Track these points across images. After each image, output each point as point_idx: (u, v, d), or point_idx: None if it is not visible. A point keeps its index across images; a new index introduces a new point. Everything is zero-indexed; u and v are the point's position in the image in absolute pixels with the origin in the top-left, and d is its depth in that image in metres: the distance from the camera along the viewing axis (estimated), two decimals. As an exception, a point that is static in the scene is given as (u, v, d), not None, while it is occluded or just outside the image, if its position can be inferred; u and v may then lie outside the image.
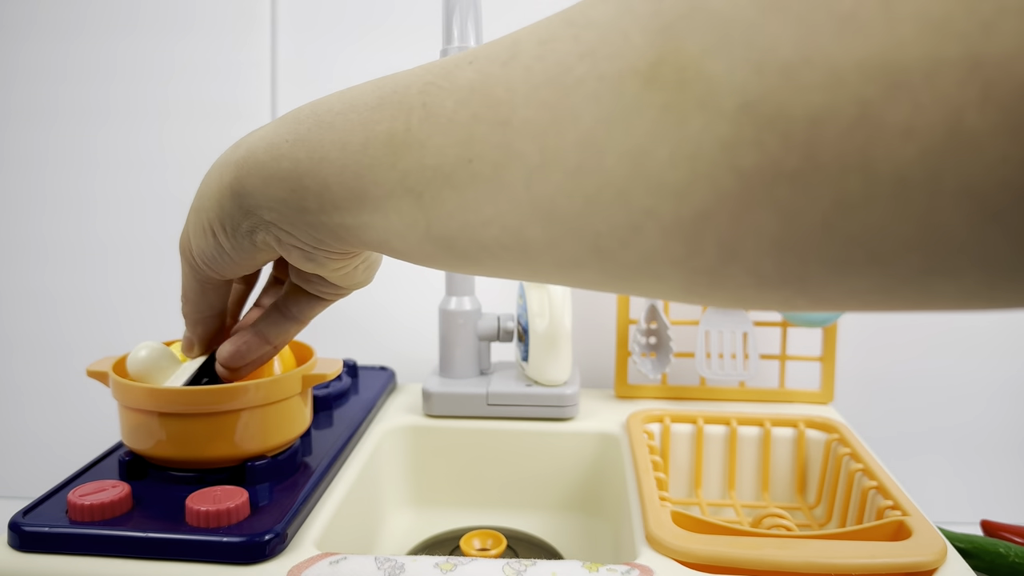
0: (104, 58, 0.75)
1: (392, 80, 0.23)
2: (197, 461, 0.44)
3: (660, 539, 0.39)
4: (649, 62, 0.16)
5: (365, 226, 0.24)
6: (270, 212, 0.27)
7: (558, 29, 0.18)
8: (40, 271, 0.78)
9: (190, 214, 0.31)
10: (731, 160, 0.15)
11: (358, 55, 0.74)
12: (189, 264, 0.33)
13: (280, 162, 0.25)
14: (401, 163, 0.22)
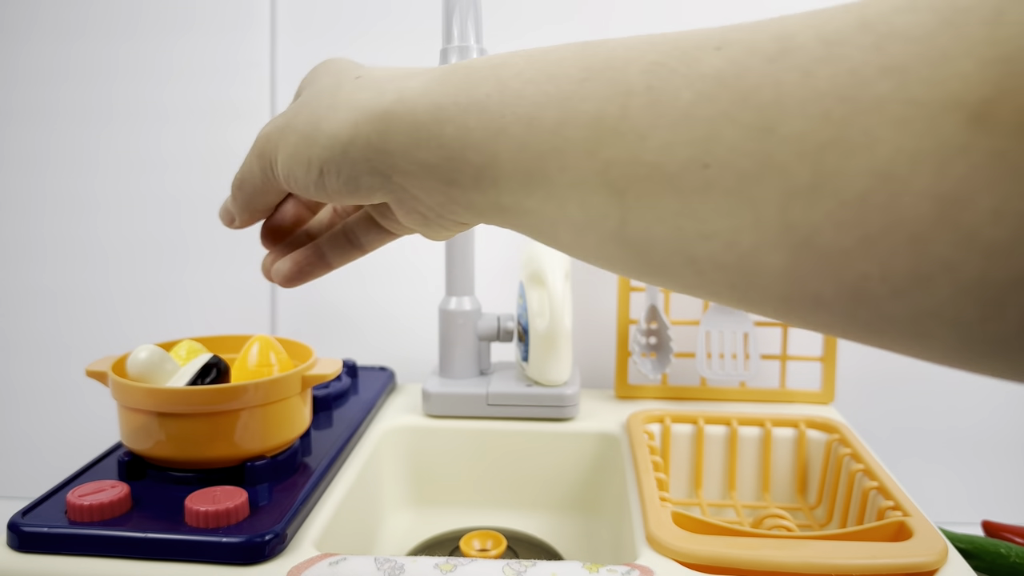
0: (104, 59, 0.75)
1: (603, 49, 0.20)
2: (197, 461, 0.44)
3: (660, 539, 0.39)
4: (981, 97, 0.13)
5: (528, 211, 0.21)
6: (407, 177, 0.23)
7: (850, 32, 0.15)
8: (40, 271, 0.78)
9: (287, 132, 0.27)
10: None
11: (358, 55, 0.74)
12: (264, 170, 0.28)
13: (444, 126, 0.22)
14: (605, 152, 0.19)
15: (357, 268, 0.76)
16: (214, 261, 0.77)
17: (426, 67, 0.25)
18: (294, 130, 0.26)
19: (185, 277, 0.77)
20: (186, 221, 0.77)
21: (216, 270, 0.77)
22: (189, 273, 0.77)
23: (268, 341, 0.49)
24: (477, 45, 0.49)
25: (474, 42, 0.49)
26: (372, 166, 0.24)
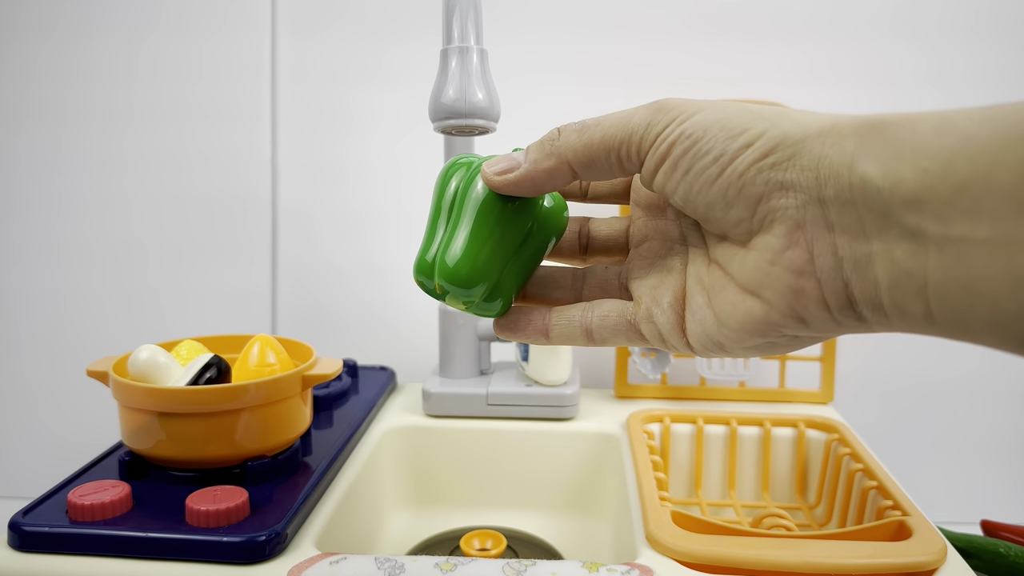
0: (105, 60, 0.75)
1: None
2: (197, 461, 0.44)
3: (660, 539, 0.39)
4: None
5: (997, 247, 0.16)
6: (847, 193, 0.19)
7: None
8: (41, 271, 0.78)
9: (728, 106, 0.23)
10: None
11: (358, 55, 0.74)
12: (656, 126, 0.23)
13: (944, 137, 0.18)
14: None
15: (358, 268, 0.76)
16: (215, 261, 0.77)
17: None
18: (737, 105, 0.22)
19: (186, 277, 0.77)
20: (187, 221, 0.77)
21: (217, 270, 0.77)
22: (190, 273, 0.77)
23: (269, 341, 0.49)
24: (477, 45, 0.49)
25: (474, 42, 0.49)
26: (814, 165, 0.20)
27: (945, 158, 0.17)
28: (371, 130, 0.75)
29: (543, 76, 0.73)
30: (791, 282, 0.21)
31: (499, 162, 0.26)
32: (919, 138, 0.18)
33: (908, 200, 0.18)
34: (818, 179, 0.20)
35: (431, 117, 0.50)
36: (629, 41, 0.72)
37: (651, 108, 0.23)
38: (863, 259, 0.19)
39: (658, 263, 0.26)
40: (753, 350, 0.23)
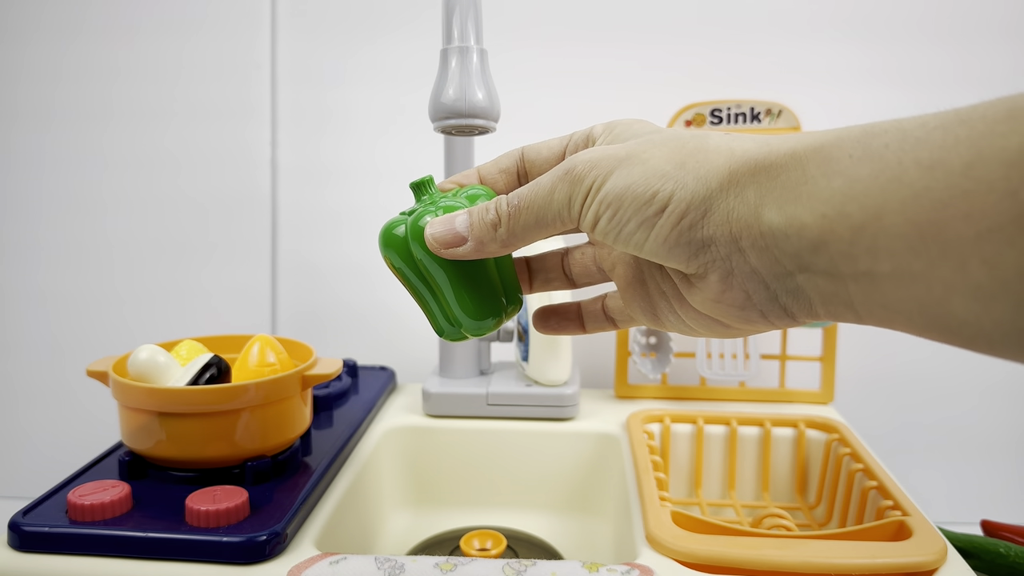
0: (105, 59, 0.75)
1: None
2: (197, 461, 0.44)
3: (660, 539, 0.39)
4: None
5: (912, 277, 0.18)
6: (761, 240, 0.21)
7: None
8: (40, 271, 0.78)
9: (630, 162, 0.24)
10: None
11: (358, 55, 0.74)
12: (571, 196, 0.25)
13: (832, 179, 0.20)
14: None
15: (358, 268, 0.76)
16: (215, 261, 0.77)
17: (822, 130, 0.22)
18: (644, 163, 0.24)
19: (186, 277, 0.77)
20: (187, 221, 0.77)
21: (217, 270, 0.77)
22: (190, 273, 0.77)
23: (269, 341, 0.49)
24: (477, 45, 0.49)
25: (474, 42, 0.49)
26: (728, 220, 0.22)
27: (838, 202, 0.19)
28: (371, 130, 0.75)
29: (543, 76, 0.73)
30: (737, 313, 0.24)
31: (442, 234, 0.28)
32: (811, 182, 0.20)
33: (814, 244, 0.20)
34: (731, 232, 0.22)
35: (431, 117, 0.50)
36: (629, 41, 0.72)
37: (565, 179, 0.25)
38: (794, 290, 0.22)
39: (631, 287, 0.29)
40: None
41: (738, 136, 0.24)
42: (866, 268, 0.19)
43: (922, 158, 0.18)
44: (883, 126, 0.20)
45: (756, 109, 0.64)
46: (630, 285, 0.29)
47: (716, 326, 0.26)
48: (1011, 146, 0.16)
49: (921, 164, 0.18)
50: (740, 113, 0.64)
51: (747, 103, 0.64)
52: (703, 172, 0.22)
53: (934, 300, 0.18)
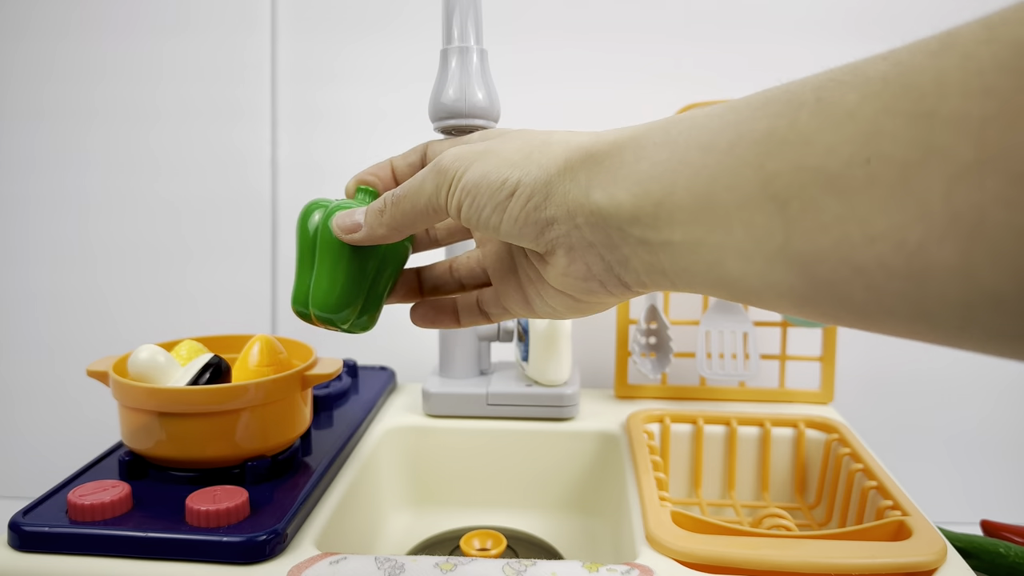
0: (105, 59, 0.75)
1: (790, 83, 0.21)
2: (197, 461, 0.44)
3: (660, 539, 0.39)
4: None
5: (697, 244, 0.22)
6: (592, 217, 0.25)
7: (1012, 13, 0.15)
8: (41, 272, 0.78)
9: (487, 155, 0.28)
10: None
11: (358, 55, 0.74)
12: (438, 187, 0.28)
13: (640, 163, 0.23)
14: (771, 163, 0.19)
15: (357, 268, 0.76)
16: (215, 261, 0.77)
17: (647, 122, 0.26)
18: (497, 154, 0.27)
19: (186, 277, 0.77)
20: (187, 221, 0.77)
21: (217, 270, 0.77)
22: (190, 273, 0.77)
23: (269, 341, 0.49)
24: (477, 46, 0.49)
25: (474, 42, 0.49)
26: (564, 200, 0.25)
27: (643, 182, 0.23)
28: (371, 130, 0.75)
29: (543, 76, 0.73)
30: (582, 285, 0.27)
31: (345, 219, 0.33)
32: (626, 166, 0.24)
33: (629, 218, 0.23)
34: (569, 211, 0.25)
35: (431, 117, 0.51)
36: (629, 41, 0.72)
37: (433, 172, 0.29)
38: (623, 260, 0.25)
39: (505, 278, 0.33)
40: None
41: (579, 131, 0.27)
42: (667, 237, 0.23)
43: (702, 141, 0.21)
44: (683, 116, 0.23)
45: (756, 109, 0.64)
46: (504, 277, 0.33)
47: (570, 302, 0.29)
48: (760, 128, 0.20)
49: (701, 147, 0.21)
50: (740, 113, 0.64)
51: (747, 103, 0.64)
52: (545, 161, 0.26)
53: (715, 261, 0.21)
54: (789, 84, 0.20)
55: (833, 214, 0.18)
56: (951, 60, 0.16)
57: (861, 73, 0.18)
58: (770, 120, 0.20)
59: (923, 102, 0.16)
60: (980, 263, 0.15)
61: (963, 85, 0.15)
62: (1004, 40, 0.15)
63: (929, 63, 0.16)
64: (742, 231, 0.20)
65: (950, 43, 0.16)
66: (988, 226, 0.15)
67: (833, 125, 0.18)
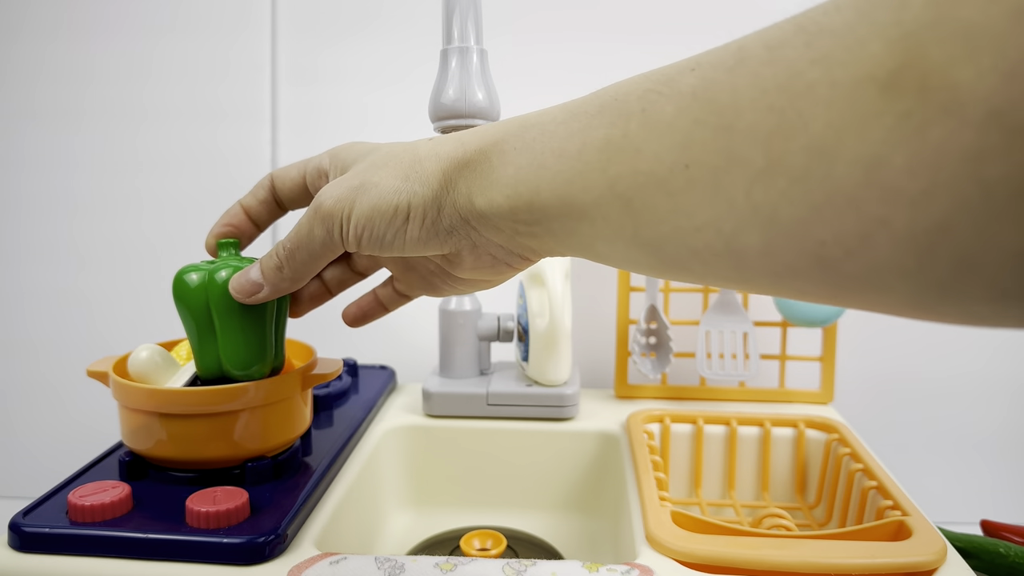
0: (104, 60, 0.75)
1: (614, 88, 0.24)
2: (197, 461, 0.44)
3: (660, 539, 0.39)
4: (888, 69, 0.15)
5: (570, 232, 0.25)
6: (481, 220, 0.27)
7: (788, 35, 0.18)
8: (40, 271, 0.78)
9: (365, 190, 0.29)
10: (975, 170, 0.14)
11: (358, 55, 0.74)
12: (329, 231, 0.31)
13: (507, 168, 0.26)
14: (613, 168, 0.22)
15: (357, 268, 0.76)
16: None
17: (499, 121, 0.28)
18: (377, 185, 0.29)
19: (185, 277, 0.77)
20: (187, 221, 0.77)
21: (216, 270, 0.77)
22: (189, 273, 0.77)
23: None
24: (477, 46, 0.49)
25: (474, 43, 0.49)
26: (455, 210, 0.28)
27: (513, 185, 0.26)
28: (371, 130, 0.75)
29: (543, 76, 0.73)
30: (492, 270, 0.31)
31: (243, 282, 0.36)
32: (495, 171, 0.26)
33: (511, 215, 0.26)
34: (462, 218, 0.28)
35: (431, 117, 0.51)
36: (629, 41, 0.72)
37: (317, 218, 0.31)
38: (519, 244, 0.28)
39: (406, 275, 0.36)
40: None
41: (439, 139, 0.30)
42: (546, 227, 0.26)
43: (554, 148, 0.24)
44: (532, 119, 0.26)
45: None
46: (404, 273, 0.36)
47: (479, 282, 0.33)
48: (599, 136, 0.23)
49: (554, 152, 0.24)
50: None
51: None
52: (424, 178, 0.28)
53: (588, 244, 0.25)
54: (617, 90, 0.23)
55: (666, 209, 0.21)
56: (743, 79, 0.19)
57: (675, 86, 0.21)
58: (607, 129, 0.22)
59: (724, 116, 0.19)
60: (778, 246, 0.19)
61: (752, 103, 0.18)
62: (781, 63, 0.18)
63: (726, 80, 0.19)
64: (602, 223, 0.23)
65: (742, 59, 0.19)
66: (779, 218, 0.18)
67: (657, 135, 0.21)
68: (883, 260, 0.16)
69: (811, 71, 0.17)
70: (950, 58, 0.14)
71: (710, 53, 0.21)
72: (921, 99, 0.15)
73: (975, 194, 0.14)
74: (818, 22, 0.18)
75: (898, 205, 0.16)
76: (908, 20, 0.15)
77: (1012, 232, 0.14)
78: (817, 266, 0.18)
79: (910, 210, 0.15)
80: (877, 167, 0.16)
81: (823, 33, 0.17)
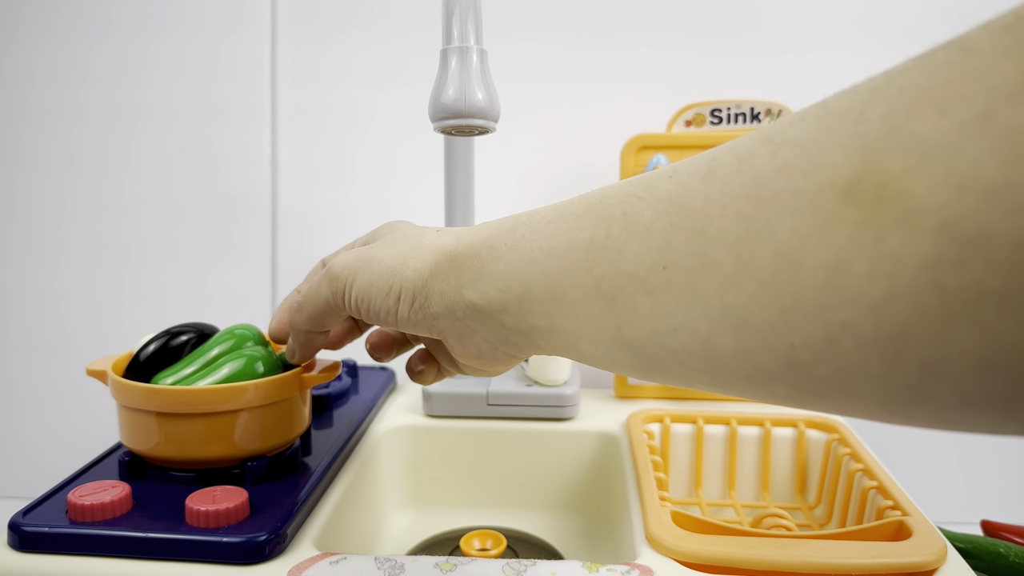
0: (103, 60, 0.75)
1: (599, 191, 0.25)
2: (197, 461, 0.44)
3: (660, 539, 0.39)
4: (847, 178, 0.16)
5: (556, 329, 0.26)
6: (468, 311, 0.28)
7: (757, 146, 0.19)
8: (40, 271, 0.78)
9: (371, 264, 0.32)
10: (932, 277, 0.15)
11: (358, 55, 0.74)
12: (335, 293, 0.33)
13: (497, 263, 0.27)
14: (598, 268, 0.23)
15: (357, 268, 0.76)
16: (215, 261, 0.77)
17: (494, 220, 0.30)
18: (379, 262, 0.32)
19: (186, 277, 0.77)
20: (187, 221, 0.77)
21: (217, 270, 0.77)
22: (190, 273, 0.77)
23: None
24: (477, 46, 0.49)
25: (474, 43, 0.49)
26: (443, 299, 0.29)
27: (504, 281, 0.27)
28: (371, 130, 0.75)
29: (543, 76, 0.73)
30: (478, 361, 0.32)
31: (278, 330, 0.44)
32: (487, 266, 0.28)
33: (499, 309, 0.27)
34: (448, 307, 0.29)
35: (431, 117, 0.50)
36: (629, 41, 0.72)
37: (326, 279, 0.33)
38: (505, 340, 0.28)
39: (433, 348, 0.38)
40: None
41: (444, 231, 0.32)
42: (534, 323, 0.26)
43: (543, 246, 0.25)
44: (522, 219, 0.27)
45: (756, 109, 0.64)
46: (431, 347, 0.38)
47: (477, 370, 0.34)
48: (585, 236, 0.24)
49: (544, 250, 0.25)
50: (740, 113, 0.64)
51: (747, 103, 0.64)
52: (419, 265, 0.30)
53: (571, 344, 0.25)
54: (603, 193, 0.25)
55: (647, 309, 0.22)
56: (714, 186, 0.20)
57: (653, 192, 0.22)
58: (592, 230, 0.24)
59: (696, 220, 0.20)
60: (750, 348, 0.19)
61: (723, 209, 0.19)
62: (748, 172, 0.19)
63: (699, 187, 0.20)
64: (586, 321, 0.24)
65: (714, 168, 0.20)
66: (751, 321, 0.18)
67: (637, 238, 0.22)
68: (851, 364, 0.17)
69: (776, 180, 0.18)
70: (904, 170, 0.15)
71: (687, 161, 0.22)
72: (878, 208, 0.15)
73: (934, 301, 0.15)
74: (784, 132, 0.19)
75: (860, 310, 0.16)
76: (865, 132, 0.16)
77: (973, 338, 0.14)
78: (789, 369, 0.18)
79: (872, 315, 0.16)
80: (839, 272, 0.16)
81: (787, 143, 0.18)
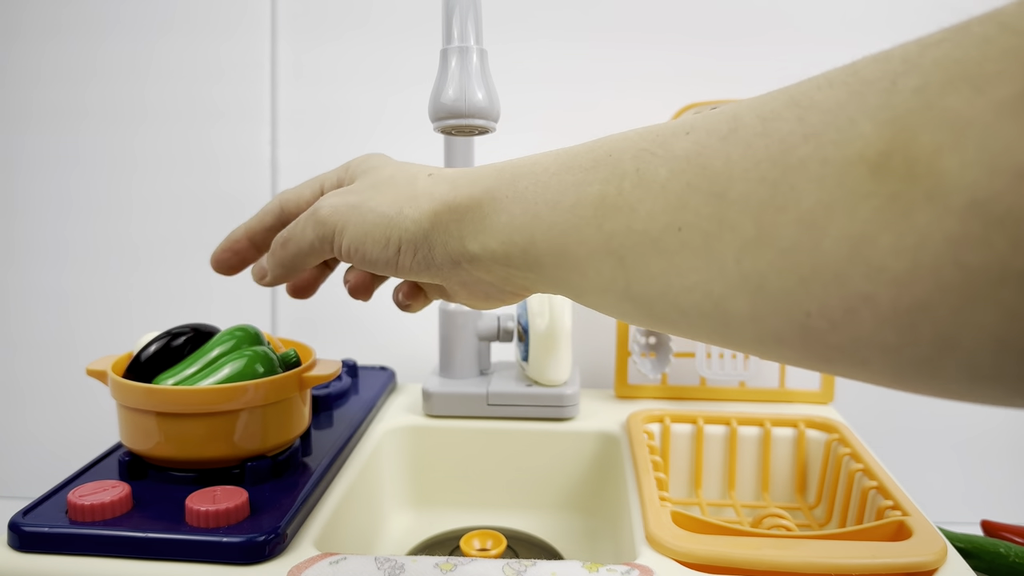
0: (104, 60, 0.75)
1: (608, 143, 0.24)
2: (196, 461, 0.44)
3: (660, 539, 0.39)
4: (878, 151, 0.16)
5: (562, 280, 0.26)
6: (473, 261, 0.28)
7: (781, 108, 0.19)
8: (41, 271, 0.78)
9: (362, 211, 0.31)
10: (956, 255, 0.15)
11: (358, 55, 0.74)
12: (321, 238, 0.32)
13: (500, 215, 0.27)
14: (608, 225, 0.23)
15: (357, 268, 0.76)
16: (214, 261, 0.77)
17: (486, 164, 0.29)
18: (372, 210, 0.30)
19: (186, 277, 0.77)
20: (187, 221, 0.77)
21: (216, 270, 0.77)
22: (190, 273, 0.77)
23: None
24: (477, 46, 0.49)
25: (474, 43, 0.49)
26: (446, 250, 0.29)
27: (507, 233, 0.27)
28: (371, 130, 0.75)
29: (543, 76, 0.73)
30: (485, 301, 0.32)
31: (257, 270, 0.37)
32: (488, 218, 0.27)
33: (503, 260, 0.27)
34: (452, 259, 0.29)
35: (431, 117, 0.50)
36: (629, 41, 0.72)
37: (312, 221, 0.32)
38: (512, 283, 0.29)
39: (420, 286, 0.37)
40: None
41: (437, 176, 0.30)
42: (539, 273, 0.26)
43: (549, 199, 0.25)
44: (523, 169, 0.27)
45: (756, 109, 0.64)
46: (418, 286, 0.37)
47: (480, 307, 0.33)
48: (594, 192, 0.23)
49: (548, 204, 0.25)
50: (740, 113, 0.64)
51: (747, 103, 0.64)
52: (416, 215, 0.29)
53: (578, 294, 0.26)
54: (612, 146, 0.24)
55: (658, 268, 0.21)
56: (736, 148, 0.19)
57: (668, 149, 0.21)
58: (601, 185, 0.23)
59: (716, 183, 0.19)
60: (764, 313, 0.19)
61: (745, 173, 0.19)
62: (774, 135, 0.18)
63: (720, 147, 0.20)
64: (594, 276, 0.24)
65: (735, 128, 0.20)
66: (767, 287, 0.18)
67: (651, 196, 0.21)
68: (867, 334, 0.17)
69: (803, 147, 0.18)
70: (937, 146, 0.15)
71: (704, 118, 0.21)
72: (908, 184, 0.15)
73: (956, 278, 0.15)
74: (811, 97, 0.18)
75: (882, 283, 0.16)
76: (898, 104, 0.16)
77: (991, 316, 0.15)
78: (802, 335, 0.18)
79: (893, 288, 0.16)
80: (864, 245, 0.16)
81: (815, 108, 0.18)
